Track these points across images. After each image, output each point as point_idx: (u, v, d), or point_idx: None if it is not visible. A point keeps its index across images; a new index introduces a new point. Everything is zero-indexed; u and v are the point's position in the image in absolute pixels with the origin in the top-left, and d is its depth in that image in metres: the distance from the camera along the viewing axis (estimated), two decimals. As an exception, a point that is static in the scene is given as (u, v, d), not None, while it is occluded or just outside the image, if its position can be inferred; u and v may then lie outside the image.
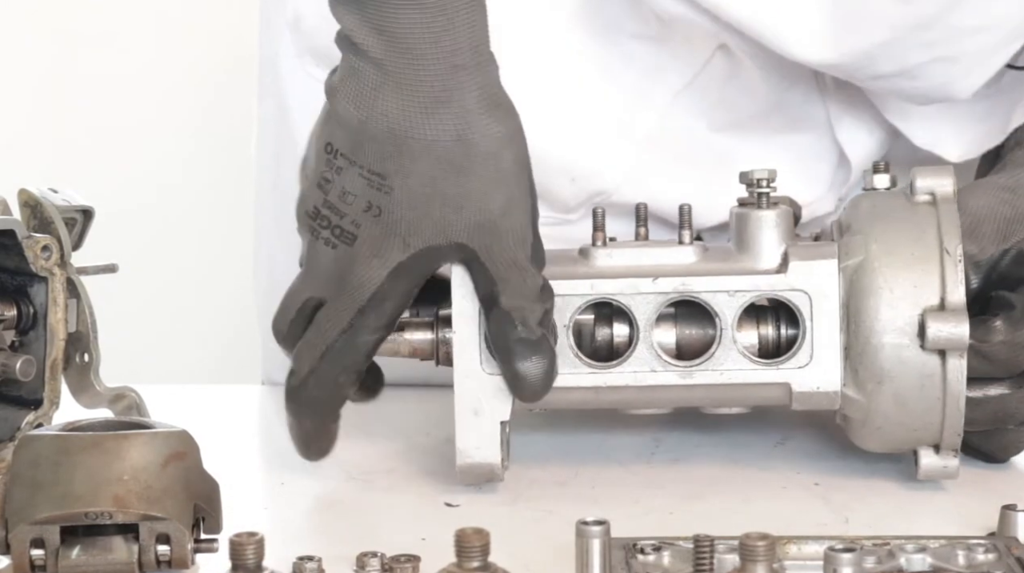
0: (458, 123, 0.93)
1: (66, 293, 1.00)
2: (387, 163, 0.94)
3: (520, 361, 0.96)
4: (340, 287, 0.96)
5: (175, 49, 2.30)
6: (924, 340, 0.96)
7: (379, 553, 0.84)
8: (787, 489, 1.01)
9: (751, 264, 1.00)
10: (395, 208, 0.94)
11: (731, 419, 1.12)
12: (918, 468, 1.00)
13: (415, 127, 0.93)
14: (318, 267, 0.96)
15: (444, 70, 0.92)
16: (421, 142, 0.93)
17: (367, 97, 0.94)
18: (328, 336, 0.96)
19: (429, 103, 0.93)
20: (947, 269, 0.96)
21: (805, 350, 0.98)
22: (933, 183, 1.00)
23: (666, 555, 0.83)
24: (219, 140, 2.18)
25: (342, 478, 1.04)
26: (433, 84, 0.93)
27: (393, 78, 0.93)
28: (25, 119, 2.36)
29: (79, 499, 0.81)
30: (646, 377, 0.99)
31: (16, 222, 1.00)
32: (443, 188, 0.94)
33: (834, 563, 0.75)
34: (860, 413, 0.99)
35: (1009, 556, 0.82)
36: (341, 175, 0.95)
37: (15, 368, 0.98)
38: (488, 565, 0.76)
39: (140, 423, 0.87)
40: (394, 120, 0.93)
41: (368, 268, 0.95)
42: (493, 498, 1.00)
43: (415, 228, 0.94)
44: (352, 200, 0.95)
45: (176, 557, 0.82)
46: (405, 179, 0.94)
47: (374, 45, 0.93)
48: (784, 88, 1.17)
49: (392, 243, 0.95)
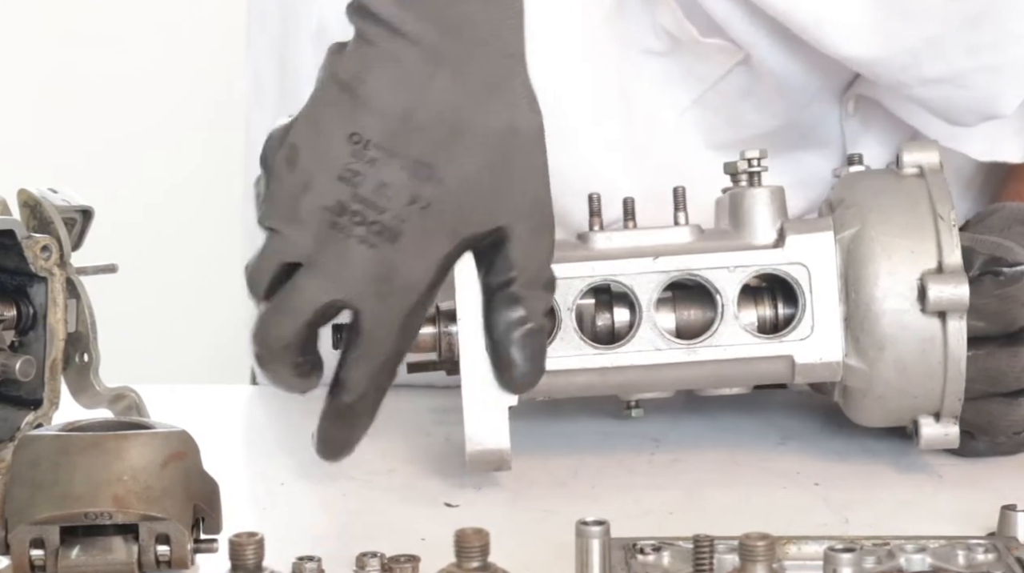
0: (509, 112, 0.91)
1: (66, 293, 1.00)
2: (436, 153, 0.90)
3: (518, 350, 0.94)
4: (384, 289, 0.90)
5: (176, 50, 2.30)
6: (925, 303, 0.97)
7: (379, 553, 0.84)
8: (787, 489, 1.01)
9: (748, 241, 1.01)
10: (446, 199, 0.90)
11: (731, 419, 1.12)
12: (919, 439, 1.01)
13: (471, 115, 0.90)
14: (348, 267, 0.89)
15: (499, 58, 0.91)
16: (476, 130, 0.91)
17: (414, 84, 0.90)
18: (386, 346, 0.90)
19: (484, 91, 0.91)
20: (942, 233, 0.98)
21: (806, 322, 1.00)
22: (920, 157, 1.02)
23: (666, 555, 0.83)
24: (217, 142, 2.18)
25: (342, 478, 1.04)
26: (489, 73, 0.91)
27: (448, 66, 0.90)
28: (25, 119, 2.37)
29: (79, 499, 0.81)
30: (650, 356, 1.00)
31: (16, 222, 1.00)
32: (492, 176, 0.91)
33: (834, 563, 0.75)
34: (862, 382, 1.00)
35: (1009, 556, 0.82)
36: (376, 167, 0.90)
37: (15, 368, 0.98)
38: (488, 565, 0.76)
39: (140, 423, 0.87)
40: (448, 108, 0.90)
41: (417, 267, 0.90)
42: (493, 498, 1.00)
43: (465, 217, 0.91)
44: (392, 194, 0.90)
45: (176, 557, 0.82)
46: (458, 168, 0.90)
47: (425, 32, 0.90)
48: (801, 106, 1.16)
49: (440, 235, 0.91)
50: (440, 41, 0.90)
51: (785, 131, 1.17)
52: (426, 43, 0.90)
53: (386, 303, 0.90)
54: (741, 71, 1.15)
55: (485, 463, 1.00)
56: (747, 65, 1.14)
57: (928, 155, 1.02)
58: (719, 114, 1.17)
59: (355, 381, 0.90)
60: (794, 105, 1.16)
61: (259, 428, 1.23)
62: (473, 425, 0.99)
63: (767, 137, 1.17)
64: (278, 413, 1.20)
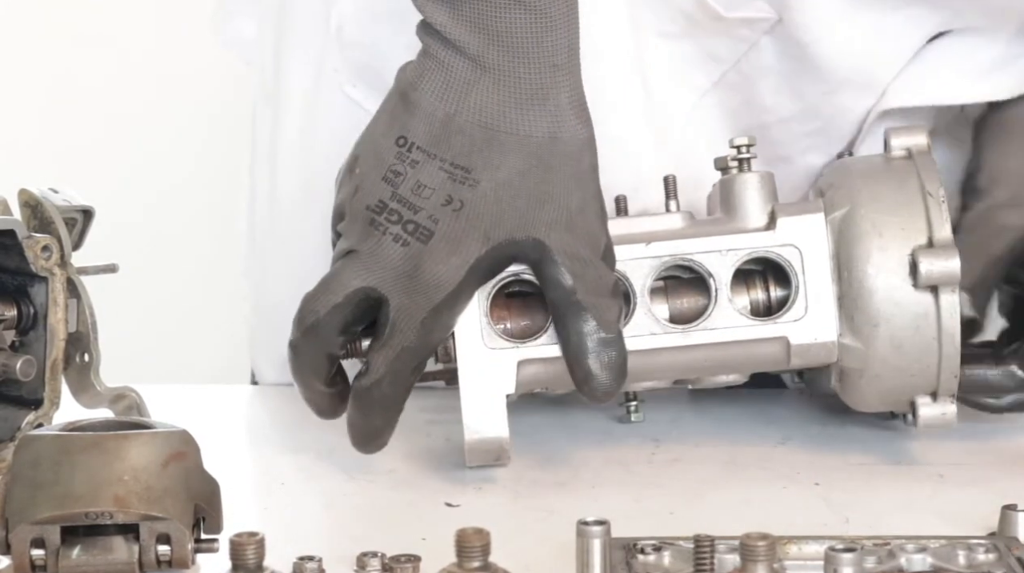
0: (551, 121, 0.95)
1: (66, 293, 1.00)
2: (474, 156, 0.94)
3: (595, 359, 0.96)
4: (411, 285, 0.95)
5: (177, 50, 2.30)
6: (916, 278, 0.98)
7: (379, 553, 0.84)
8: (787, 489, 1.01)
9: (740, 225, 1.02)
10: (479, 201, 0.95)
11: (731, 419, 1.12)
12: (917, 420, 1.01)
13: (510, 121, 0.94)
14: (381, 261, 0.95)
15: (543, 68, 0.94)
16: (514, 136, 0.94)
17: (458, 90, 0.95)
18: (407, 336, 0.95)
19: (525, 100, 0.94)
20: (931, 209, 1.00)
21: (800, 304, 1.00)
22: (907, 140, 1.03)
23: (666, 555, 0.83)
24: (218, 142, 2.17)
25: (342, 478, 1.04)
26: (532, 81, 0.94)
27: (491, 74, 0.94)
28: (26, 119, 2.37)
29: (79, 499, 0.81)
30: (646, 341, 1.00)
31: (16, 222, 1.00)
32: (529, 183, 0.95)
33: (834, 563, 0.75)
34: (858, 362, 1.00)
35: (1010, 556, 0.82)
36: (417, 168, 0.95)
37: (15, 368, 0.98)
38: (488, 565, 0.76)
39: (140, 423, 0.87)
40: (488, 114, 0.95)
41: (446, 266, 0.95)
42: (493, 498, 1.00)
43: (498, 221, 0.95)
44: (429, 194, 0.95)
45: (176, 557, 0.82)
46: (494, 172, 0.95)
47: (471, 41, 0.94)
48: (824, 90, 1.15)
49: (472, 237, 0.95)
50: (485, 49, 0.94)
51: (802, 120, 1.17)
52: (471, 51, 0.94)
53: (411, 297, 0.95)
54: (767, 44, 1.14)
55: (484, 453, 1.00)
56: (773, 36, 1.13)
57: (916, 138, 1.03)
58: (737, 96, 1.16)
59: (374, 366, 0.96)
60: (817, 88, 1.15)
61: (259, 428, 1.23)
62: (471, 415, 0.99)
63: (785, 123, 1.17)
64: (278, 413, 1.20)
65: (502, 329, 1.00)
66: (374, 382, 0.96)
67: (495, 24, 0.94)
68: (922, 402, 1.01)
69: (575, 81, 0.96)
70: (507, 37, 0.94)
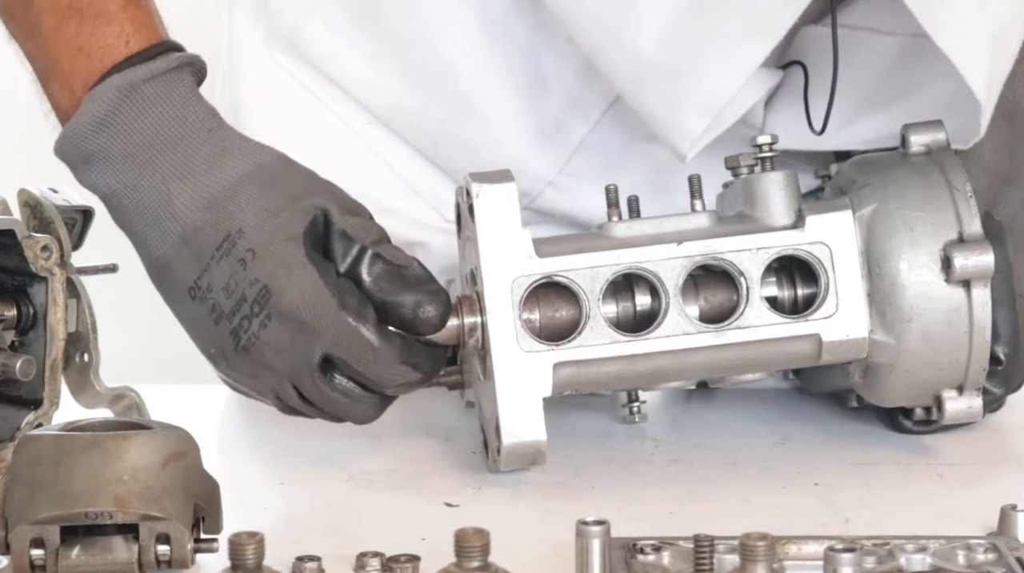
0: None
1: (66, 293, 1.00)
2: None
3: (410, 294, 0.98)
4: (313, 329, 0.98)
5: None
6: (950, 273, 0.99)
7: (379, 553, 0.84)
8: (787, 489, 1.01)
9: (768, 223, 1.02)
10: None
11: (731, 420, 1.12)
12: (943, 414, 1.01)
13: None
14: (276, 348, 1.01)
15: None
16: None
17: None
18: (392, 340, 0.98)
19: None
20: (960, 204, 1.00)
21: (830, 301, 1.00)
22: (926, 138, 1.03)
23: (666, 555, 0.83)
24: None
25: (342, 478, 1.04)
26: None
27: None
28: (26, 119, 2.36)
29: (79, 499, 0.81)
30: (680, 341, 1.00)
31: (16, 222, 1.00)
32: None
33: (834, 563, 0.75)
34: (889, 357, 1.00)
35: (1009, 556, 0.82)
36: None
37: (15, 368, 0.98)
38: (488, 565, 0.76)
39: (140, 423, 0.87)
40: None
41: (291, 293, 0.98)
42: (493, 498, 1.00)
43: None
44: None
45: (176, 557, 0.82)
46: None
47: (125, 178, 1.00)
48: None
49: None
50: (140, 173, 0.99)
51: None
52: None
53: (333, 327, 0.98)
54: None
55: (521, 457, 1.00)
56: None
57: (935, 134, 1.03)
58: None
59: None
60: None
61: (259, 428, 1.23)
62: (508, 418, 0.99)
63: None
64: (278, 413, 1.20)
65: (535, 323, 1.00)
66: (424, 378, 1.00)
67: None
68: (948, 396, 1.01)
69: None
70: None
